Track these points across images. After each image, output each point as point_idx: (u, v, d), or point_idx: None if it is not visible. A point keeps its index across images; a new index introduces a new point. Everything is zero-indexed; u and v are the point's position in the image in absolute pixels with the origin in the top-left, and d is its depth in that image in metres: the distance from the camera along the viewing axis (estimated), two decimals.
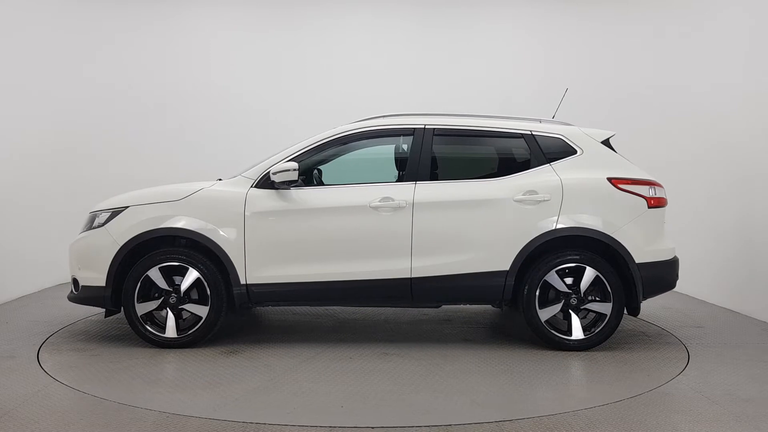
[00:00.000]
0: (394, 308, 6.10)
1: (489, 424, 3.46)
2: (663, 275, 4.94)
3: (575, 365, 4.57)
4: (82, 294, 4.95)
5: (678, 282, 5.11)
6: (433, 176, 4.95)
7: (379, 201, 4.79)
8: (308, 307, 6.30)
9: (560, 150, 5.00)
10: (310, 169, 5.12)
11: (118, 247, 4.79)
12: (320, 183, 5.22)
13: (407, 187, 4.85)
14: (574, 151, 4.99)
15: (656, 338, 5.33)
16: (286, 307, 6.32)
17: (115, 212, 4.90)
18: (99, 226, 4.92)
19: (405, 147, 5.11)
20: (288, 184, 4.82)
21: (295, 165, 4.77)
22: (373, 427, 3.42)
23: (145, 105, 8.00)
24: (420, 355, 4.73)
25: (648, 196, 4.88)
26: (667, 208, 5.05)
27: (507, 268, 4.78)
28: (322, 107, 7.89)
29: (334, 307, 6.30)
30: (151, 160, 7.88)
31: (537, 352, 4.81)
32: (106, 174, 7.77)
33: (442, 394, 3.93)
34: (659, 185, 5.00)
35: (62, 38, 7.56)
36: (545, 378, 4.27)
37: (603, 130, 5.18)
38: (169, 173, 7.17)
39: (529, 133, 5.04)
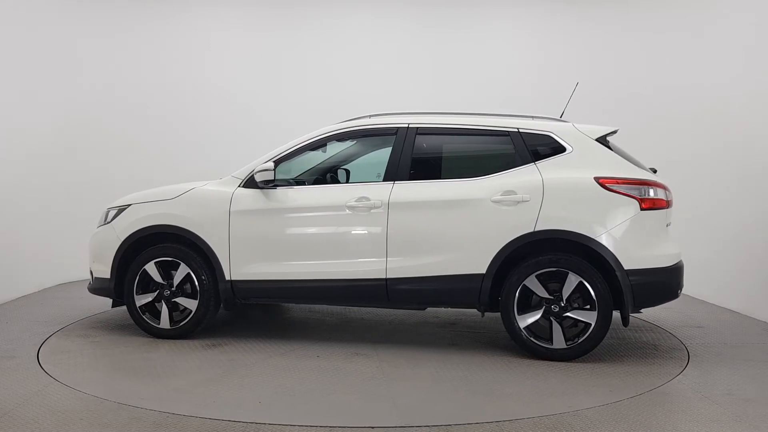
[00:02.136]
0: (406, 310, 6.01)
1: (489, 424, 3.46)
2: (660, 283, 4.56)
3: (548, 373, 4.33)
4: (94, 285, 5.35)
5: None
6: (416, 176, 4.82)
7: (355, 201, 4.77)
8: (319, 305, 6.31)
9: (548, 148, 4.73)
10: (305, 169, 5.20)
11: (120, 242, 5.07)
12: (337, 183, 5.26)
13: (385, 186, 4.79)
14: (564, 149, 4.71)
15: (656, 338, 5.33)
16: (302, 304, 6.32)
17: (120, 210, 5.22)
18: (108, 223, 5.23)
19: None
20: (267, 183, 4.89)
21: (271, 165, 4.85)
22: (372, 427, 3.42)
23: (146, 105, 7.99)
24: (388, 357, 4.66)
25: (641, 197, 4.53)
26: (670, 210, 4.75)
27: (483, 271, 4.58)
28: (322, 107, 7.88)
29: (346, 306, 6.26)
30: (153, 160, 7.88)
31: (516, 361, 4.58)
32: (107, 174, 7.77)
33: (372, 397, 3.87)
34: (659, 186, 4.65)
35: (64, 39, 7.54)
36: (495, 387, 4.06)
37: (601, 127, 4.87)
38: (170, 174, 7.17)
39: (516, 130, 4.80)
